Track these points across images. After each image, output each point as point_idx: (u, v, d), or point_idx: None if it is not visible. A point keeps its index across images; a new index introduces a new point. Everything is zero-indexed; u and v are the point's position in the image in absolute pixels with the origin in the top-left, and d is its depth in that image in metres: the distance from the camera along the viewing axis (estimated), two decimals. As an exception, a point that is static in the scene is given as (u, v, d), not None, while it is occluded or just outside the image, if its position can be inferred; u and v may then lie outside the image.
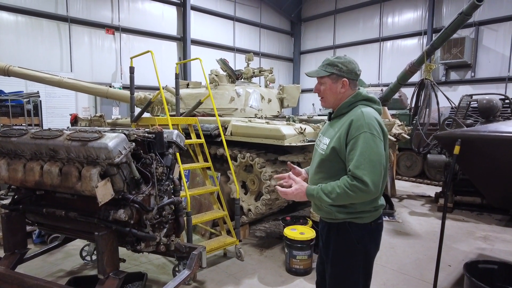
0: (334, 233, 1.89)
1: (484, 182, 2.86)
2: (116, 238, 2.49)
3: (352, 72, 1.85)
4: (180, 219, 2.86)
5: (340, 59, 1.85)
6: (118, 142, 2.26)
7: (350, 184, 1.65)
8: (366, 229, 1.83)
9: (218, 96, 5.44)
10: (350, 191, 1.65)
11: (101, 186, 2.26)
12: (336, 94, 1.87)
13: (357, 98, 1.85)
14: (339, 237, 1.87)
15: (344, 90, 1.86)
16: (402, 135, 5.43)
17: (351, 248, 1.85)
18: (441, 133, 2.81)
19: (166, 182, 2.71)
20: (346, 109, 1.85)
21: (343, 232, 1.85)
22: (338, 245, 1.89)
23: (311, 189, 1.82)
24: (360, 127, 1.69)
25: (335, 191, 1.69)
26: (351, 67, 1.85)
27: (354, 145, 1.68)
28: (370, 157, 1.64)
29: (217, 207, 3.93)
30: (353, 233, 1.82)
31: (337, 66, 1.83)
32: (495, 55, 11.62)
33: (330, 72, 1.84)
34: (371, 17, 14.91)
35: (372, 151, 1.65)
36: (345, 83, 1.84)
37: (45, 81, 6.34)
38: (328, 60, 1.88)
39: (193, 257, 2.89)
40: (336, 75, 1.84)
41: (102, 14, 11.09)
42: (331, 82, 1.86)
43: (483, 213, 5.59)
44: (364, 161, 1.63)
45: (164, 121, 3.70)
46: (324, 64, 1.89)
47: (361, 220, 1.82)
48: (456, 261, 3.84)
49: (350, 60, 1.87)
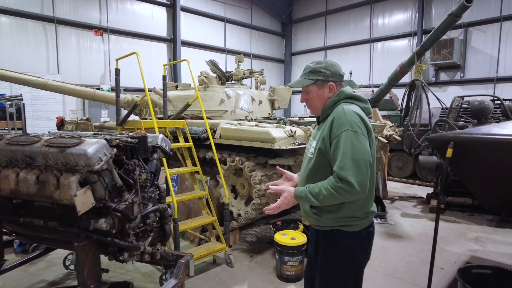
0: (322, 241, 1.82)
1: (477, 185, 2.82)
2: (98, 248, 2.37)
3: (337, 74, 1.81)
4: (166, 227, 2.75)
5: (321, 64, 1.81)
6: (98, 148, 2.15)
7: (336, 186, 1.59)
8: (355, 238, 1.76)
9: (208, 98, 5.35)
10: (335, 193, 1.59)
11: (81, 195, 2.14)
12: (324, 99, 1.82)
13: (340, 96, 1.79)
14: (328, 245, 1.80)
15: (332, 94, 1.81)
16: (393, 136, 5.39)
17: (340, 257, 1.77)
18: (433, 136, 2.76)
19: (150, 189, 2.60)
20: (330, 109, 1.79)
21: (332, 240, 1.77)
22: (327, 254, 1.81)
23: (299, 191, 1.76)
24: (341, 125, 1.63)
25: (322, 193, 1.64)
26: (334, 69, 1.80)
27: (337, 144, 1.62)
28: (354, 156, 1.57)
29: (206, 212, 3.83)
30: (342, 242, 1.75)
31: (320, 71, 1.79)
32: (484, 56, 11.75)
33: (315, 79, 1.80)
34: (361, 18, 14.97)
35: (355, 150, 1.58)
36: (332, 87, 1.80)
37: (29, 83, 6.15)
38: (310, 67, 1.83)
39: (180, 265, 2.78)
40: (321, 81, 1.79)
41: (90, 15, 10.89)
42: (317, 89, 1.81)
43: (474, 214, 5.59)
44: (347, 161, 1.57)
45: (151, 124, 3.59)
46: (306, 72, 1.84)
47: (350, 228, 1.75)
48: (448, 263, 3.80)
49: (331, 62, 1.83)
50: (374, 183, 1.81)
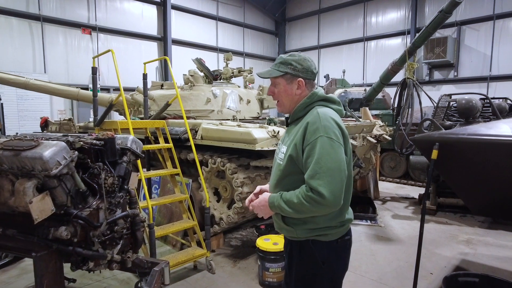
0: (296, 252, 1.67)
1: (464, 188, 2.69)
2: (60, 258, 2.21)
3: (308, 71, 1.65)
4: (137, 234, 2.59)
5: (294, 57, 1.66)
6: (56, 151, 1.99)
7: (306, 195, 1.45)
8: (331, 248, 1.62)
9: (193, 97, 5.19)
10: (306, 203, 1.45)
11: (37, 201, 1.98)
12: (291, 96, 1.67)
13: (312, 98, 1.64)
14: (302, 257, 1.65)
15: (300, 91, 1.66)
16: (383, 136, 5.27)
17: (315, 270, 1.63)
18: (418, 136, 2.63)
19: (119, 194, 2.45)
20: (302, 111, 1.65)
21: (306, 251, 1.62)
22: (302, 267, 1.66)
23: (272, 197, 1.62)
24: (316, 131, 1.49)
25: (293, 201, 1.50)
26: (306, 65, 1.65)
27: (310, 151, 1.48)
28: (327, 165, 1.43)
29: (187, 216, 3.68)
30: (317, 252, 1.60)
31: (291, 64, 1.64)
32: (477, 55, 11.69)
33: (284, 71, 1.64)
34: (355, 17, 14.87)
35: (329, 158, 1.45)
36: (301, 84, 1.65)
37: (10, 82, 5.97)
38: (281, 58, 1.68)
39: (154, 273, 2.63)
40: (291, 74, 1.64)
41: (78, 13, 10.68)
42: (286, 83, 1.66)
43: (466, 215, 5.48)
44: (320, 170, 1.43)
45: (128, 124, 3.42)
46: (277, 63, 1.68)
47: (326, 237, 1.60)
48: (438, 268, 3.68)
49: (305, 57, 1.67)
50: (351, 193, 1.66)
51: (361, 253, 4.05)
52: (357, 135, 4.57)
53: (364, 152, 5.31)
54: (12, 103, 9.23)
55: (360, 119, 5.49)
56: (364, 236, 4.64)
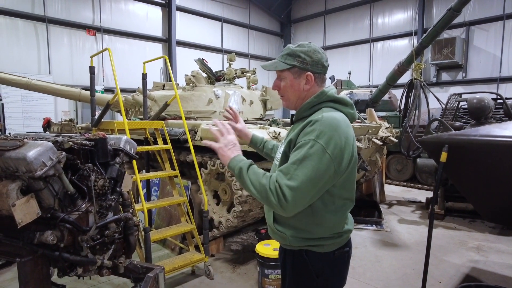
0: (289, 263, 1.53)
1: (475, 194, 2.53)
2: (46, 264, 2.11)
3: (319, 64, 1.46)
4: (130, 238, 2.48)
5: (303, 48, 1.46)
6: (41, 152, 1.88)
7: (275, 185, 1.28)
8: (327, 259, 1.47)
9: (195, 98, 5.10)
10: (269, 191, 1.28)
11: (21, 204, 1.88)
12: (299, 92, 1.49)
13: (320, 98, 1.46)
14: (295, 268, 1.51)
15: (309, 86, 1.48)
16: (389, 138, 5.11)
17: (308, 283, 1.48)
18: (426, 138, 2.48)
19: (111, 197, 2.34)
20: (307, 111, 1.48)
21: (300, 262, 1.48)
22: (294, 278, 1.52)
23: (238, 156, 1.45)
24: (310, 133, 1.32)
25: (259, 180, 1.32)
26: (316, 57, 1.45)
27: (297, 149, 1.33)
28: (305, 172, 1.26)
29: (185, 219, 3.57)
30: (311, 264, 1.46)
31: (299, 56, 1.44)
32: (486, 56, 11.43)
33: (291, 64, 1.45)
34: (361, 18, 14.69)
35: (311, 166, 1.27)
36: (310, 78, 1.46)
37: (12, 83, 5.95)
38: (289, 49, 1.48)
39: (148, 279, 2.52)
40: (299, 68, 1.46)
41: (82, 14, 10.69)
42: (293, 77, 1.48)
43: (476, 220, 5.29)
44: (294, 172, 1.27)
45: (130, 125, 3.33)
46: (284, 54, 1.49)
47: (322, 248, 1.46)
48: (447, 276, 3.51)
49: (315, 48, 1.47)
50: (353, 202, 1.52)
51: (365, 259, 3.90)
52: (362, 137, 4.42)
53: (370, 154, 5.16)
54: (16, 104, 9.24)
55: (365, 121, 5.34)
56: (369, 241, 4.48)
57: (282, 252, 1.61)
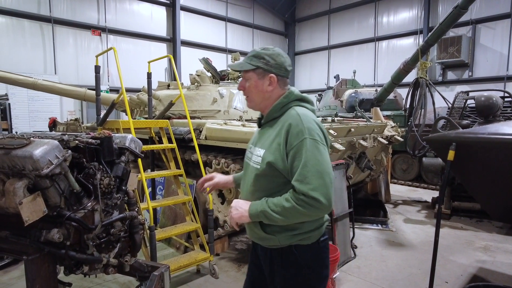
0: (278, 260, 1.56)
1: (483, 192, 2.50)
2: (53, 262, 2.12)
3: (282, 67, 1.57)
4: (135, 236, 2.48)
5: (267, 51, 1.58)
6: (47, 150, 1.89)
7: (299, 199, 1.37)
8: (314, 250, 1.54)
9: (200, 97, 5.11)
10: (300, 207, 1.37)
11: (28, 202, 1.89)
12: (262, 92, 1.58)
13: (289, 98, 1.57)
14: (285, 265, 1.55)
15: (272, 88, 1.57)
16: (395, 137, 5.08)
17: (299, 276, 1.54)
18: (433, 136, 2.45)
19: (117, 195, 2.35)
20: (279, 112, 1.57)
21: (289, 258, 1.53)
22: (285, 276, 1.55)
23: (254, 204, 1.50)
24: (299, 133, 1.42)
25: (283, 206, 1.39)
26: (280, 60, 1.56)
27: (296, 155, 1.41)
28: (316, 168, 1.37)
29: (190, 218, 3.57)
30: (301, 257, 1.52)
31: (263, 58, 1.55)
32: (493, 54, 11.32)
33: (256, 65, 1.55)
34: (366, 17, 14.62)
35: (316, 161, 1.39)
36: (273, 80, 1.56)
37: (18, 83, 6.00)
38: (254, 51, 1.59)
39: (153, 278, 2.52)
40: (263, 69, 1.55)
41: (87, 14, 10.75)
42: (257, 78, 1.57)
43: (483, 220, 5.23)
44: (308, 174, 1.37)
45: (136, 124, 3.34)
46: (250, 56, 1.59)
47: (309, 240, 1.53)
48: (454, 276, 3.47)
49: (279, 52, 1.59)
50: None
51: (371, 259, 3.87)
52: (368, 136, 4.40)
53: (375, 153, 5.12)
54: (23, 103, 9.33)
55: (371, 120, 5.31)
56: (374, 241, 4.45)
57: (268, 253, 1.60)
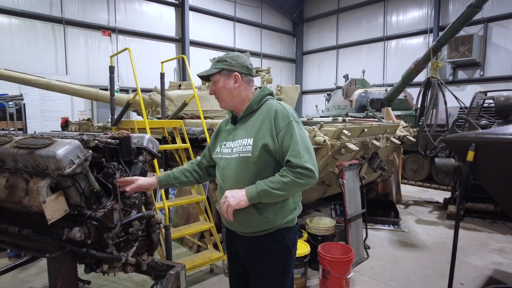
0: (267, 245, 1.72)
1: (504, 193, 2.47)
2: (74, 260, 2.16)
3: (243, 66, 1.77)
4: (152, 235, 2.51)
5: (229, 55, 1.81)
6: (69, 150, 1.92)
7: (295, 172, 1.58)
8: (295, 231, 1.81)
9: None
10: (297, 179, 1.57)
11: (51, 201, 1.93)
12: (230, 90, 1.77)
13: (265, 91, 1.81)
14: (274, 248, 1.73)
15: (238, 85, 1.76)
16: (407, 138, 5.04)
17: (287, 257, 1.78)
18: (451, 136, 2.43)
19: (135, 194, 2.38)
20: (257, 104, 1.78)
21: (278, 240, 1.73)
22: (274, 259, 1.75)
23: (251, 187, 1.63)
24: (285, 118, 1.66)
25: (282, 181, 1.57)
26: (240, 60, 1.78)
27: (286, 135, 1.64)
28: (305, 144, 1.63)
29: (204, 218, 3.59)
30: (289, 239, 1.76)
31: (225, 61, 1.77)
32: (505, 53, 11.15)
33: (220, 68, 1.76)
34: (374, 16, 14.52)
35: (303, 139, 1.64)
36: (237, 77, 1.76)
37: (32, 83, 6.09)
38: (218, 57, 1.85)
39: (169, 277, 2.55)
40: (227, 70, 1.76)
41: (98, 15, 10.87)
42: (224, 79, 1.77)
43: (497, 222, 5.17)
44: (300, 149, 1.61)
45: (150, 124, 3.37)
46: (214, 62, 1.83)
47: (292, 222, 1.77)
48: (469, 278, 3.44)
49: (239, 54, 1.82)
50: None
51: (384, 260, 3.85)
52: (381, 136, 4.37)
53: (387, 153, 5.09)
54: (35, 103, 9.47)
55: (382, 120, 5.28)
56: (387, 241, 4.43)
57: (254, 241, 1.74)
